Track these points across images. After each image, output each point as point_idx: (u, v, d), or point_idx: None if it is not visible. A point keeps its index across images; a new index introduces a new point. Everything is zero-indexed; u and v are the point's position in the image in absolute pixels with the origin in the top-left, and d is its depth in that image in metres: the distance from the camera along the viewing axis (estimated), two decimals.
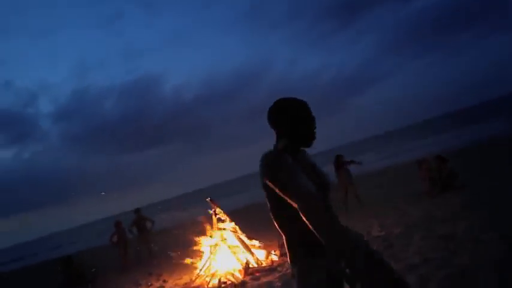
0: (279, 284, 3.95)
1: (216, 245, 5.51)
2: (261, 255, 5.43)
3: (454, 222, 4.44)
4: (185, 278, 5.71)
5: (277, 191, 1.40)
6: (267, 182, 1.42)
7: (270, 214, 1.53)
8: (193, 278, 5.36)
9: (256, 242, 5.70)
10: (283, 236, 1.54)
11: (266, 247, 5.69)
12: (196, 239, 5.87)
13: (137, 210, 9.18)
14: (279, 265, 4.95)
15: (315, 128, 1.56)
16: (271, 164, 1.42)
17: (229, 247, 5.44)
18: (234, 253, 5.33)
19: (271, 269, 4.88)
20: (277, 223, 1.53)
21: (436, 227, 4.51)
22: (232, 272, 4.98)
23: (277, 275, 4.47)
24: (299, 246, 1.49)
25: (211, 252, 5.48)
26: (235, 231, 5.72)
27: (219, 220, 5.83)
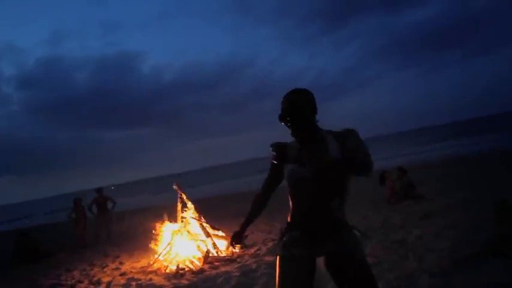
0: (237, 274, 3.99)
1: (178, 231, 5.47)
2: (222, 245, 5.45)
3: (408, 230, 4.68)
4: (143, 262, 5.62)
5: None
6: None
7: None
8: (151, 262, 5.28)
9: (219, 232, 5.72)
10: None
11: (228, 238, 5.72)
12: (159, 223, 5.79)
13: (99, 190, 8.88)
14: (239, 256, 5.00)
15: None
16: None
17: (190, 234, 5.42)
18: (195, 241, 5.31)
19: (231, 259, 4.91)
20: None
21: (391, 232, 4.74)
22: (192, 259, 4.96)
23: (236, 265, 4.51)
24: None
25: (172, 238, 5.43)
26: (198, 220, 5.70)
27: (184, 207, 5.78)
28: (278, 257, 1.74)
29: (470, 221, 4.51)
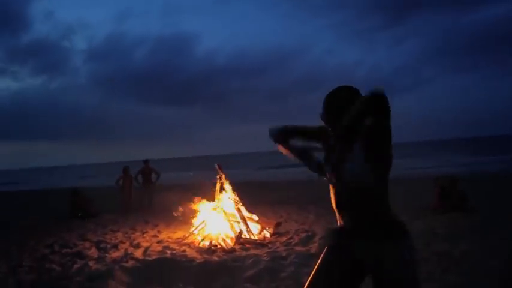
0: (267, 259, 4.03)
1: (215, 209, 5.64)
2: (255, 229, 5.54)
3: (453, 243, 4.37)
4: (179, 233, 5.91)
5: None
6: None
7: None
8: (187, 235, 5.54)
9: (253, 216, 5.80)
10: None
11: (262, 223, 5.79)
12: (197, 199, 6.02)
13: (146, 161, 9.44)
14: (270, 242, 5.04)
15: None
16: None
17: (226, 214, 5.57)
18: (230, 221, 5.45)
19: (262, 244, 4.98)
20: None
21: (434, 243, 4.46)
22: (224, 237, 5.11)
23: (266, 250, 4.56)
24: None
25: (208, 215, 5.63)
26: (235, 201, 5.83)
27: (222, 187, 5.94)
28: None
29: None
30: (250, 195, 8.09)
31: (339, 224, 1.64)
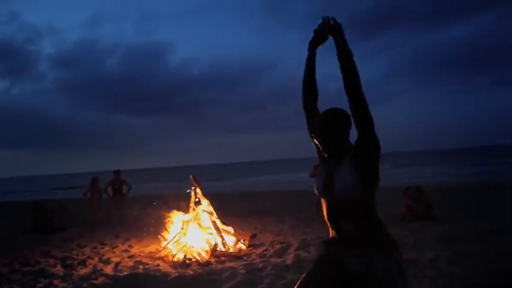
0: (243, 272, 3.99)
1: (189, 221, 5.54)
2: (230, 241, 5.48)
3: (420, 250, 4.55)
4: (151, 247, 5.72)
5: None
6: None
7: None
8: (160, 249, 5.37)
9: (229, 228, 5.75)
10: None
11: (237, 235, 5.74)
12: (171, 212, 5.89)
13: (116, 172, 9.10)
14: (246, 254, 5.01)
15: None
16: None
17: (200, 226, 5.47)
18: (204, 233, 5.36)
19: (237, 256, 4.93)
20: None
21: (403, 250, 4.60)
22: (199, 251, 5.01)
23: (242, 263, 4.52)
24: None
25: (182, 228, 5.50)
26: (210, 213, 5.75)
27: (197, 199, 5.85)
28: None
29: (488, 251, 4.34)
30: (225, 207, 8.04)
31: (331, 235, 1.67)
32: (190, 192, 5.98)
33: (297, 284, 1.61)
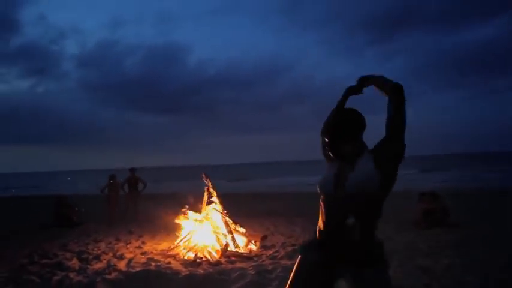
0: (253, 273, 4.01)
1: (201, 220, 5.60)
2: (241, 242, 5.51)
3: (435, 257, 4.45)
4: (164, 245, 5.82)
5: None
6: None
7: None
8: (172, 247, 5.46)
9: (241, 229, 5.78)
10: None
11: (248, 236, 5.76)
12: (183, 210, 5.96)
13: (132, 170, 9.30)
14: (256, 255, 5.02)
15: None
16: None
17: (212, 226, 5.52)
18: (216, 233, 5.41)
19: (248, 257, 4.95)
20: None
21: (416, 257, 4.52)
22: (210, 250, 5.06)
23: (252, 263, 4.54)
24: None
25: (194, 227, 5.57)
26: (222, 213, 5.80)
27: (210, 198, 5.90)
28: (299, 257, 1.76)
29: (506, 258, 4.20)
30: (238, 207, 8.09)
31: (317, 236, 1.67)
32: (203, 191, 6.04)
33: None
